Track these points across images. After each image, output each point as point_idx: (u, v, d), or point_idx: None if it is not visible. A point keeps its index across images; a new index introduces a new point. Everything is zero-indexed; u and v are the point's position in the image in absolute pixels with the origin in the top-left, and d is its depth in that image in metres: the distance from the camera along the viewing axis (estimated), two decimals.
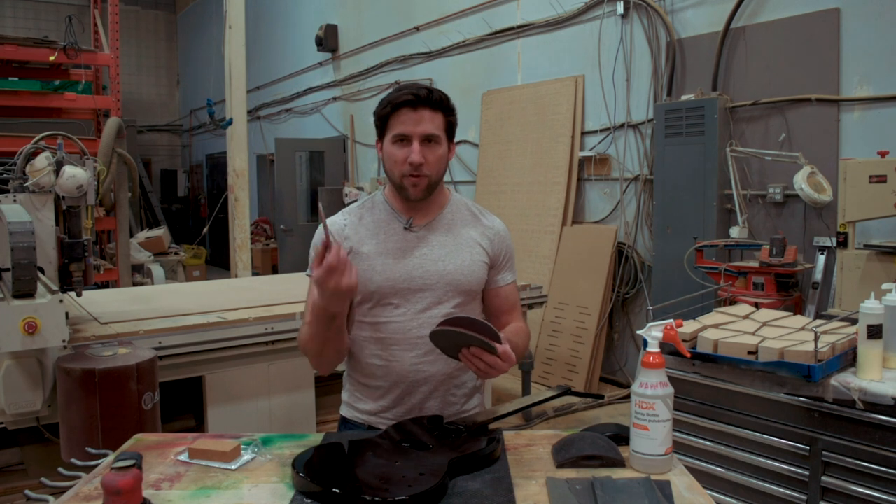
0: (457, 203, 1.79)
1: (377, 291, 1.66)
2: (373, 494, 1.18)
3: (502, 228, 1.80)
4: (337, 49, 8.74)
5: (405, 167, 1.62)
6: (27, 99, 6.27)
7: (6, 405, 2.57)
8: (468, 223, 1.76)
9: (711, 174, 4.32)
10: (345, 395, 1.81)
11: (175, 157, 15.13)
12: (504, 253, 1.78)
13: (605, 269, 5.07)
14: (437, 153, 1.64)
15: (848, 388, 2.01)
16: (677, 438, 2.23)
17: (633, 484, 1.25)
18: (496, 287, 1.77)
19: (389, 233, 1.70)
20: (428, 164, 1.63)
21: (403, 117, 1.62)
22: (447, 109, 1.66)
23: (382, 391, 1.70)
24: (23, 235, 2.49)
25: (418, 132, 1.61)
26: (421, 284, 1.66)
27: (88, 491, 1.26)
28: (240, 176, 6.23)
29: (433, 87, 1.65)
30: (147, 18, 14.75)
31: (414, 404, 1.68)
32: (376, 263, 1.67)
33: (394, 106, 1.62)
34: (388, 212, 1.73)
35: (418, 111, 1.61)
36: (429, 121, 1.62)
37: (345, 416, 1.79)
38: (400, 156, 1.63)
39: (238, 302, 3.52)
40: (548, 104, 5.67)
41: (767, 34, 4.20)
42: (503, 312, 1.79)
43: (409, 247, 1.69)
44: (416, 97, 1.60)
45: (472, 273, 1.70)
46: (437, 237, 1.71)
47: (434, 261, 1.68)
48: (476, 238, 1.74)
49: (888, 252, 3.17)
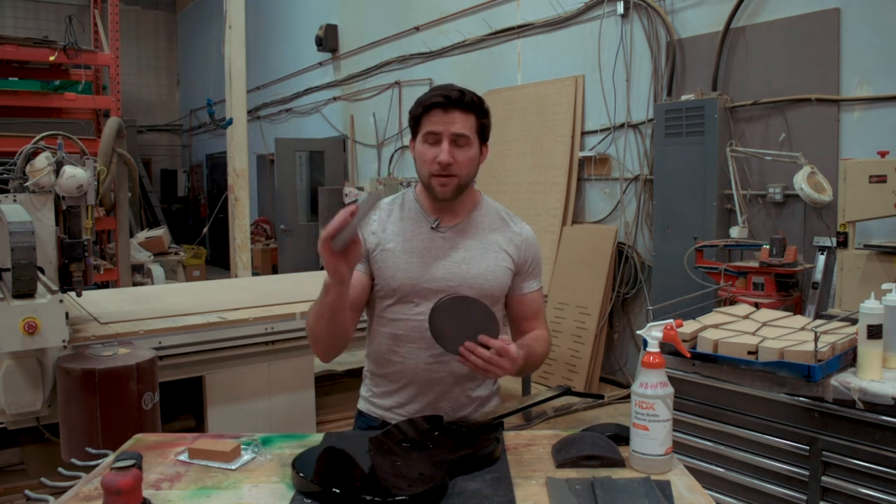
0: (487, 206, 1.78)
1: (399, 289, 1.67)
2: (373, 494, 1.18)
3: (531, 236, 1.80)
4: (337, 49, 8.74)
5: (434, 166, 1.63)
6: (27, 99, 6.27)
7: (6, 405, 2.57)
8: (496, 228, 1.76)
9: (711, 174, 4.32)
10: (363, 390, 1.82)
11: (175, 157, 15.12)
12: (531, 260, 1.78)
13: (605, 269, 5.07)
14: (467, 154, 1.64)
15: (848, 388, 2.01)
16: (677, 438, 2.22)
17: (633, 484, 1.25)
18: (520, 294, 1.77)
19: (416, 231, 1.71)
20: (457, 164, 1.63)
21: (435, 118, 1.62)
22: (480, 111, 1.66)
23: (397, 387, 1.72)
24: (23, 235, 2.49)
25: (448, 132, 1.62)
26: (443, 286, 1.66)
27: (88, 491, 1.26)
28: (240, 176, 6.23)
29: (466, 89, 1.66)
30: (147, 18, 14.74)
31: (427, 403, 1.70)
32: (400, 261, 1.67)
33: (425, 107, 1.63)
34: (417, 210, 1.73)
35: (449, 113, 1.62)
36: (460, 122, 1.62)
37: (361, 410, 1.81)
38: (429, 155, 1.63)
39: (238, 302, 3.52)
40: (548, 104, 5.67)
41: (767, 34, 4.20)
42: (526, 319, 1.79)
43: (434, 247, 1.69)
44: (448, 98, 1.61)
45: (495, 278, 1.70)
46: (463, 240, 1.71)
47: (458, 263, 1.68)
48: (502, 244, 1.74)
49: (888, 252, 3.17)
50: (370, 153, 8.20)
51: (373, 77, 7.98)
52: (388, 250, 1.69)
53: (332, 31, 8.70)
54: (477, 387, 1.74)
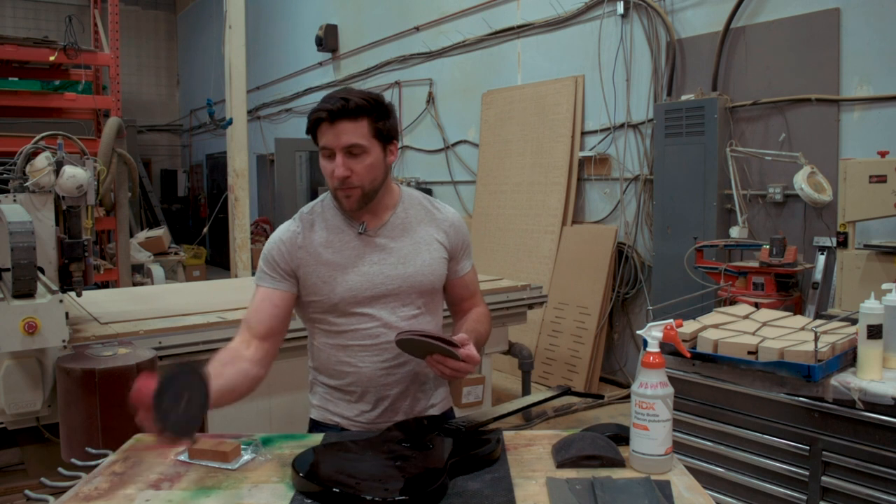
0: (408, 199, 1.75)
1: (340, 303, 1.64)
2: (373, 494, 1.18)
3: (456, 218, 1.78)
4: (337, 49, 8.74)
5: (335, 181, 1.59)
6: (27, 99, 6.26)
7: (6, 405, 2.56)
8: (422, 220, 1.73)
9: (711, 174, 4.32)
10: (314, 399, 1.79)
11: (175, 157, 15.12)
12: (461, 243, 1.77)
13: (605, 269, 5.07)
14: (364, 163, 1.58)
15: (848, 388, 2.01)
16: (677, 438, 2.23)
17: (633, 484, 1.25)
18: (457, 277, 1.78)
19: (344, 240, 1.67)
20: (356, 175, 1.58)
21: (324, 132, 1.58)
22: (372, 113, 1.58)
23: (355, 396, 1.70)
24: (23, 235, 2.48)
25: (339, 145, 1.56)
26: (384, 290, 1.65)
27: (88, 491, 1.26)
28: (240, 176, 6.22)
29: (353, 94, 1.57)
30: (147, 18, 14.74)
31: (387, 407, 1.69)
32: (336, 274, 1.64)
33: (312, 122, 1.60)
34: (340, 218, 1.69)
35: (336, 125, 1.56)
36: (350, 132, 1.55)
37: (315, 419, 1.78)
38: (328, 169, 1.60)
39: (238, 302, 3.51)
40: (548, 104, 5.67)
41: (767, 34, 4.20)
42: (464, 300, 1.81)
43: (365, 253, 1.66)
44: (330, 112, 1.55)
45: (433, 272, 1.70)
46: (393, 240, 1.68)
47: (394, 265, 1.66)
48: (433, 234, 1.72)
49: (888, 252, 3.17)
50: None
51: (373, 77, 7.98)
52: (319, 264, 1.65)
53: (332, 31, 8.70)
54: (427, 378, 1.73)
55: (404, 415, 1.69)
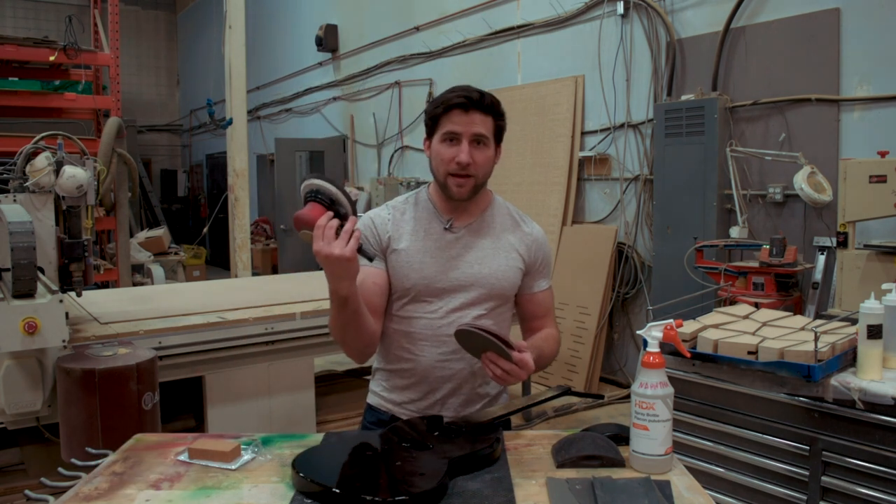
0: (499, 206, 1.80)
1: (412, 288, 1.69)
2: (373, 494, 1.18)
3: (541, 235, 1.82)
4: (337, 49, 8.74)
5: (452, 166, 1.65)
6: (27, 99, 6.27)
7: (6, 405, 2.57)
8: (508, 228, 1.78)
9: (711, 174, 4.32)
10: (373, 384, 1.84)
11: (175, 157, 15.12)
12: (541, 260, 1.80)
13: (605, 269, 5.07)
14: (485, 154, 1.67)
15: (848, 388, 2.01)
16: (677, 438, 2.23)
17: (633, 484, 1.25)
18: (530, 293, 1.79)
19: (429, 231, 1.73)
20: (475, 165, 1.65)
21: (455, 118, 1.64)
22: (497, 114, 1.68)
23: (409, 384, 1.74)
24: (23, 235, 2.49)
25: (469, 132, 1.63)
26: (456, 285, 1.69)
27: (88, 491, 1.26)
28: (240, 176, 6.23)
29: (485, 91, 1.67)
30: (147, 18, 14.74)
31: (437, 399, 1.72)
32: (414, 261, 1.69)
33: (446, 107, 1.64)
34: (430, 210, 1.75)
35: (469, 113, 1.63)
36: (479, 123, 1.64)
37: (371, 404, 1.83)
38: (448, 154, 1.65)
39: (238, 302, 3.51)
40: (548, 104, 5.67)
41: (767, 34, 4.19)
42: (536, 318, 1.81)
43: (447, 247, 1.71)
44: (469, 99, 1.63)
45: (506, 278, 1.73)
46: (475, 239, 1.73)
47: (470, 263, 1.71)
48: (514, 243, 1.76)
49: (888, 252, 3.17)
50: (370, 153, 8.20)
51: (373, 77, 7.98)
52: (401, 250, 1.70)
53: (332, 31, 8.70)
54: (486, 383, 1.75)
55: (454, 412, 1.71)
